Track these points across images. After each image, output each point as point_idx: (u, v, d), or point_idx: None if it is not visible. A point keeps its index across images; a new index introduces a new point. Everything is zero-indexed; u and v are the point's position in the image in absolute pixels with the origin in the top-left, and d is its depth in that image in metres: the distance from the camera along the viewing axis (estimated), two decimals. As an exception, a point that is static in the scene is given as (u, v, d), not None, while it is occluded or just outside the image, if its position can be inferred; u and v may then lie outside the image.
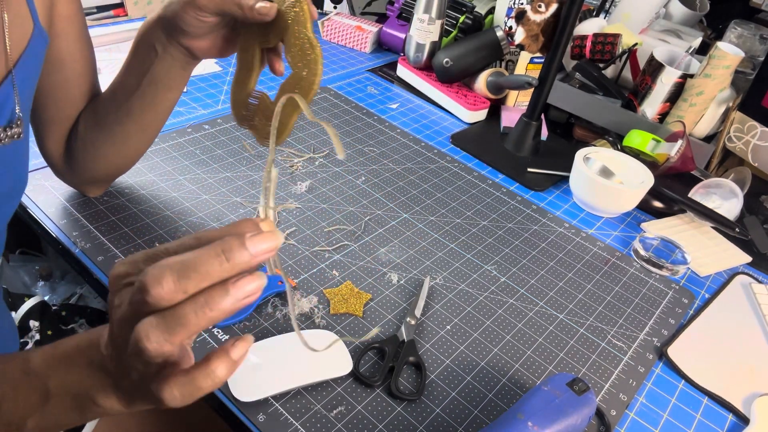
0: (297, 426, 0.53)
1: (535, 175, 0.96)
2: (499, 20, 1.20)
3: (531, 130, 0.99)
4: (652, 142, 0.95)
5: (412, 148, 0.98)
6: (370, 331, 0.64)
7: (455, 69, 1.09)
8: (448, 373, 0.61)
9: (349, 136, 0.98)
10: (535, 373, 0.63)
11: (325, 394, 0.57)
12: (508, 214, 0.87)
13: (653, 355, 0.68)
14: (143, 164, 0.81)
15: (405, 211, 0.83)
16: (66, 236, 0.68)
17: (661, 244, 0.84)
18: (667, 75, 0.99)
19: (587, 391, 0.54)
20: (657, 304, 0.76)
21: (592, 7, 1.29)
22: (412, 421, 0.56)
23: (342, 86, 1.13)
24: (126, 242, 0.68)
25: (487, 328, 0.67)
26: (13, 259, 0.98)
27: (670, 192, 0.89)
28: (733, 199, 0.90)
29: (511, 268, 0.77)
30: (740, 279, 0.83)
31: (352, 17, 1.34)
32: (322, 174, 0.87)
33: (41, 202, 0.71)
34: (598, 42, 1.05)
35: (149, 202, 0.75)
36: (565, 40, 0.89)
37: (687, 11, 1.26)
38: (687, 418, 0.62)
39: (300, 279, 0.69)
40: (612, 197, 0.87)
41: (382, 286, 0.70)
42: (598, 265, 0.81)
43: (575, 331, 0.69)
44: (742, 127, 0.96)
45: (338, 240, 0.75)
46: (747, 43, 1.16)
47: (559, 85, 1.06)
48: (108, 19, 1.17)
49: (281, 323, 0.63)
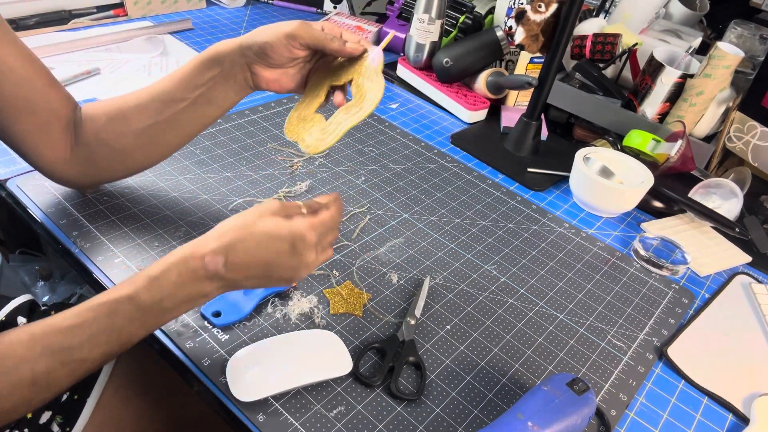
0: (297, 426, 0.53)
1: (535, 175, 0.96)
2: (499, 20, 1.20)
3: (531, 130, 0.99)
4: (652, 142, 0.95)
5: (412, 148, 0.98)
6: (376, 325, 0.64)
7: (455, 69, 1.09)
8: (448, 373, 0.61)
9: (349, 136, 0.98)
10: (535, 373, 0.63)
11: (325, 394, 0.57)
12: (508, 214, 0.87)
13: (653, 355, 0.68)
14: (143, 164, 0.81)
15: (405, 211, 0.83)
16: (66, 236, 0.68)
17: (661, 244, 0.84)
18: (667, 75, 0.99)
19: (587, 391, 0.54)
20: (657, 304, 0.76)
21: (592, 7, 1.29)
22: (412, 421, 0.56)
23: (342, 86, 1.13)
24: (126, 242, 0.68)
25: (487, 328, 0.67)
26: (13, 259, 0.98)
27: (670, 192, 0.89)
28: (733, 199, 0.90)
29: (511, 268, 0.77)
30: (740, 279, 0.83)
31: (352, 17, 1.35)
32: (322, 174, 0.87)
33: (41, 202, 0.71)
34: (598, 42, 1.05)
35: (149, 202, 0.75)
36: (565, 40, 0.89)
37: (687, 11, 1.26)
38: (687, 418, 0.62)
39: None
40: (612, 197, 0.87)
41: (382, 286, 0.70)
42: (598, 265, 0.81)
43: (575, 331, 0.69)
44: (742, 127, 0.96)
45: (338, 240, 0.75)
46: (747, 43, 1.16)
47: (559, 85, 1.06)
48: (108, 19, 1.17)
49: (281, 323, 0.63)
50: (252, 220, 0.52)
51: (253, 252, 0.51)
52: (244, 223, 0.52)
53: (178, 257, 0.50)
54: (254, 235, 0.51)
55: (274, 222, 0.52)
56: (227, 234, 0.51)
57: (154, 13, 1.24)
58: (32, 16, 1.07)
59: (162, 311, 0.49)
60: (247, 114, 0.97)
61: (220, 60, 0.62)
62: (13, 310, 0.66)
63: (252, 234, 0.51)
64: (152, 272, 0.49)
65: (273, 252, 0.52)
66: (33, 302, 0.67)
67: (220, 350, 0.59)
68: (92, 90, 0.95)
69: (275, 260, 0.52)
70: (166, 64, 1.07)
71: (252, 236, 0.51)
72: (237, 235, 0.51)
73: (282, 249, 0.52)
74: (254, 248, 0.51)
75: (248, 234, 0.51)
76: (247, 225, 0.52)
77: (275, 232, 0.52)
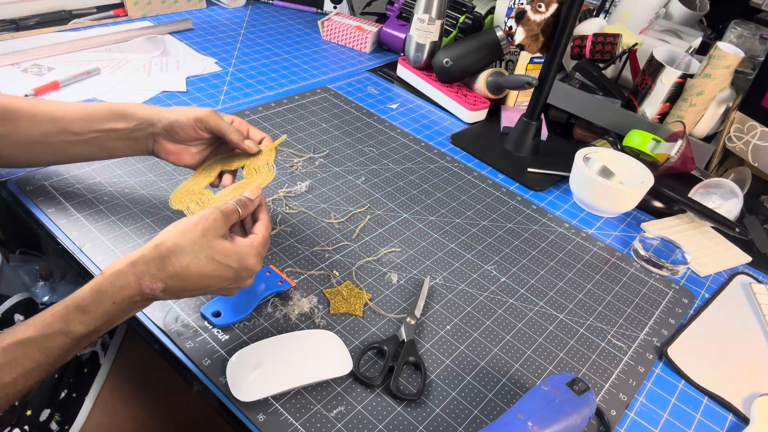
0: (297, 426, 0.53)
1: (535, 175, 0.96)
2: (499, 20, 1.20)
3: (531, 130, 0.99)
4: (652, 142, 0.95)
5: (412, 148, 0.98)
6: (376, 325, 0.64)
7: (455, 69, 1.09)
8: (448, 373, 0.61)
9: (349, 136, 0.98)
10: (535, 373, 0.63)
11: (325, 394, 0.57)
12: (508, 214, 0.87)
13: (653, 355, 0.68)
14: (143, 164, 0.81)
15: (405, 211, 0.83)
16: (66, 236, 0.68)
17: (661, 244, 0.84)
18: (667, 75, 0.99)
19: (587, 391, 0.54)
20: (657, 304, 0.76)
21: (592, 7, 1.29)
22: (412, 421, 0.56)
23: (342, 86, 1.13)
24: (126, 242, 0.68)
25: (487, 328, 0.67)
26: (13, 259, 0.98)
27: (670, 192, 0.89)
28: (733, 199, 0.90)
29: (511, 268, 0.77)
30: (740, 279, 0.83)
31: (352, 17, 1.35)
32: (322, 174, 0.87)
33: (41, 202, 0.71)
34: (598, 42, 1.05)
35: (149, 202, 0.75)
36: (565, 40, 0.89)
37: (687, 11, 1.26)
38: (687, 418, 0.62)
39: (300, 279, 0.69)
40: (612, 197, 0.87)
41: (382, 286, 0.70)
42: (598, 265, 0.81)
43: (575, 331, 0.69)
44: (742, 127, 0.96)
45: (338, 240, 0.75)
46: (747, 43, 1.16)
47: (559, 85, 1.06)
48: (108, 19, 1.17)
49: (281, 323, 0.63)
50: (196, 241, 0.51)
51: (194, 279, 0.51)
52: (189, 245, 0.51)
53: (111, 284, 0.48)
54: (198, 261, 0.51)
55: (219, 246, 0.52)
56: (168, 258, 0.50)
57: (154, 13, 1.24)
58: (32, 16, 1.07)
59: (97, 335, 0.49)
60: (247, 114, 0.97)
61: (128, 118, 0.65)
62: (10, 308, 0.66)
63: (196, 259, 0.51)
64: (84, 303, 0.48)
65: (215, 278, 0.52)
66: (30, 300, 0.67)
67: (220, 350, 0.59)
68: (92, 90, 0.95)
69: (214, 284, 0.53)
70: (166, 64, 1.07)
71: (195, 261, 0.51)
72: (178, 259, 0.50)
73: (225, 276, 0.53)
74: (196, 275, 0.51)
75: (192, 259, 0.50)
76: (192, 248, 0.50)
77: (220, 259, 0.52)
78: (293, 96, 1.05)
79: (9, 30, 1.05)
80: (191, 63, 1.09)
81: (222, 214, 0.54)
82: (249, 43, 1.22)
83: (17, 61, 0.98)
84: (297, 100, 1.04)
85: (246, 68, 1.12)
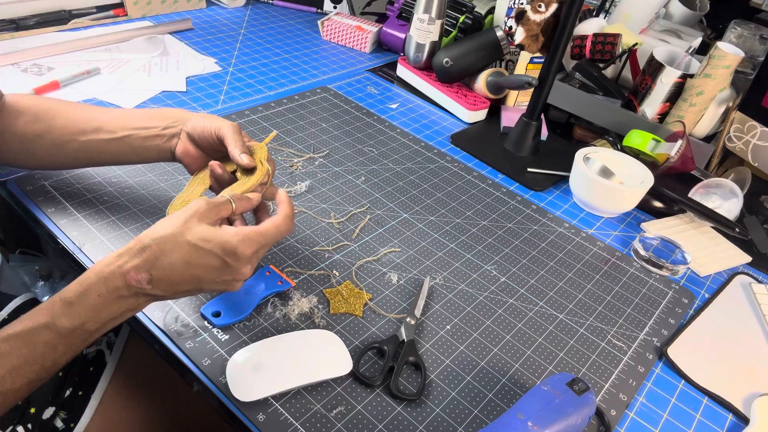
0: (297, 426, 0.53)
1: (535, 175, 0.96)
2: (499, 20, 1.20)
3: (531, 130, 0.99)
4: (652, 142, 0.95)
5: (412, 148, 0.98)
6: (376, 325, 0.64)
7: (455, 69, 1.09)
8: (448, 373, 0.61)
9: (349, 136, 0.98)
10: (535, 373, 0.63)
11: (325, 394, 0.57)
12: (507, 214, 0.87)
13: (653, 355, 0.68)
14: (143, 164, 0.81)
15: (405, 211, 0.83)
16: (66, 236, 0.68)
17: (661, 244, 0.84)
18: (667, 75, 0.99)
19: (587, 391, 0.54)
20: (657, 304, 0.76)
21: (592, 7, 1.29)
22: (412, 421, 0.56)
23: (342, 86, 1.13)
24: (126, 242, 0.68)
25: (487, 328, 0.67)
26: (13, 259, 0.98)
27: (670, 192, 0.89)
28: (733, 199, 0.90)
29: (511, 268, 0.77)
30: (740, 279, 0.83)
31: (352, 17, 1.35)
32: (322, 174, 0.87)
33: (41, 202, 0.71)
34: (598, 42, 1.05)
35: (149, 202, 0.75)
36: (565, 40, 0.89)
37: (687, 11, 1.26)
38: (687, 418, 0.62)
39: (300, 279, 0.69)
40: (612, 197, 0.87)
41: (382, 286, 0.70)
42: (598, 265, 0.81)
43: (575, 331, 0.69)
44: (742, 127, 0.96)
45: (338, 240, 0.75)
46: (747, 43, 1.16)
47: (559, 85, 1.06)
48: (108, 19, 1.17)
49: (281, 323, 0.63)
50: (177, 228, 0.49)
51: (180, 268, 0.49)
52: (171, 233, 0.49)
53: (97, 276, 0.48)
54: (180, 247, 0.49)
55: (202, 232, 0.50)
56: (149, 247, 0.48)
57: (154, 13, 1.24)
58: (32, 16, 1.07)
59: (86, 333, 0.48)
60: (247, 114, 0.97)
61: (163, 117, 0.65)
62: (15, 309, 0.66)
63: (177, 245, 0.49)
64: (69, 296, 0.47)
65: (201, 267, 0.50)
66: (35, 301, 0.67)
67: (220, 350, 0.59)
68: (92, 90, 0.95)
69: (204, 276, 0.50)
70: (166, 64, 1.07)
71: (177, 248, 0.49)
72: (160, 247, 0.48)
73: (211, 264, 0.50)
74: (180, 263, 0.49)
75: (173, 246, 0.48)
76: (173, 235, 0.49)
77: (203, 245, 0.49)
78: (293, 96, 1.05)
79: (9, 30, 1.05)
80: (191, 63, 1.09)
81: (207, 203, 0.52)
82: (249, 43, 1.22)
83: (17, 61, 0.98)
84: (297, 100, 1.04)
85: (246, 68, 1.12)
